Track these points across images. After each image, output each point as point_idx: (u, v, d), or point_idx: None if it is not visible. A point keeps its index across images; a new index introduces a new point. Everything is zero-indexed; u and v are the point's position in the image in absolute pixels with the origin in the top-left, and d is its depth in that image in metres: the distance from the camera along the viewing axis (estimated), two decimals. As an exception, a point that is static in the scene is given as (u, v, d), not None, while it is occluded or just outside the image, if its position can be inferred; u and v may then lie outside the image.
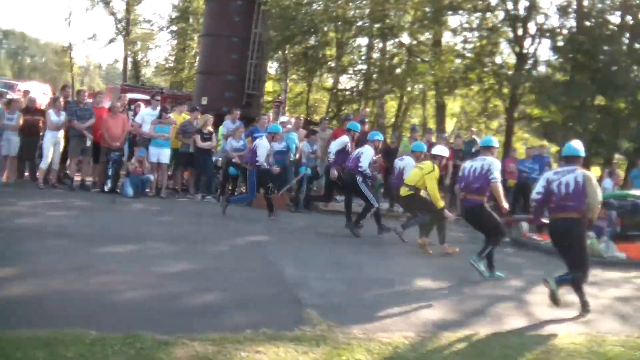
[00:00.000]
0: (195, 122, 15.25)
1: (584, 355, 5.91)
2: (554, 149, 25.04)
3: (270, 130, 14.02)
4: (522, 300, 7.96)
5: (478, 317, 6.88)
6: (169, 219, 11.93)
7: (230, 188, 15.50)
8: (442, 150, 11.40)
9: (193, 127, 15.03)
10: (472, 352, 5.60)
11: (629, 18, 24.24)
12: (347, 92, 30.94)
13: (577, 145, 8.12)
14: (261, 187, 13.00)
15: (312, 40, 27.71)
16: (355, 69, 30.58)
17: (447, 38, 27.99)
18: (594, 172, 25.39)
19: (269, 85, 32.49)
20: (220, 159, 15.76)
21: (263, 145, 12.94)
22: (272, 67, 32.23)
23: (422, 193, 10.97)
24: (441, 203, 10.75)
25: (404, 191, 11.18)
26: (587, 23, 24.20)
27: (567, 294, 8.52)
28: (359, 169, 11.77)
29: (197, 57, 31.36)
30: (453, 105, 32.73)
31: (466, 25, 25.94)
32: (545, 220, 8.14)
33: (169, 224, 11.35)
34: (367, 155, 11.83)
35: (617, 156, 25.20)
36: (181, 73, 42.12)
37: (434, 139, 16.41)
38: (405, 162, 12.25)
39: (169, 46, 46.32)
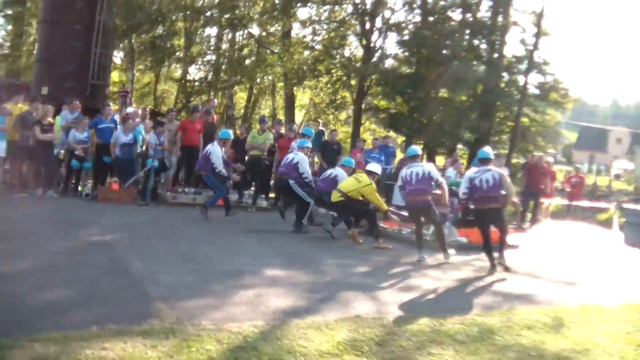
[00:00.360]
0: (35, 113, 14.52)
1: (427, 334, 6.15)
2: (400, 139, 25.89)
3: (221, 136, 13.85)
4: (369, 286, 8.13)
5: (327, 303, 6.99)
6: (5, 216, 11.29)
7: (74, 182, 14.91)
8: (375, 167, 12.33)
9: (33, 118, 14.30)
10: (320, 338, 5.68)
11: (469, 15, 25.44)
12: (196, 83, 30.59)
13: (488, 150, 10.67)
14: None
15: (159, 30, 27.12)
16: (204, 59, 30.29)
17: (296, 30, 28.29)
18: (439, 161, 26.59)
19: (114, 76, 31.40)
20: (62, 151, 15.09)
21: (216, 152, 12.98)
22: (118, 57, 31.25)
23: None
24: (385, 207, 12.02)
25: (336, 197, 11.81)
26: (431, 19, 25.22)
27: (413, 278, 8.90)
28: (304, 179, 12.68)
29: (36, 44, 29.82)
30: (302, 96, 33.11)
31: (315, 18, 26.30)
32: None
33: (5, 221, 10.75)
34: (303, 162, 12.80)
35: (459, 146, 26.38)
36: (18, 61, 39.81)
37: (283, 130, 16.51)
38: (337, 172, 12.80)
39: (2, 31, 43.60)
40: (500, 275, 9.85)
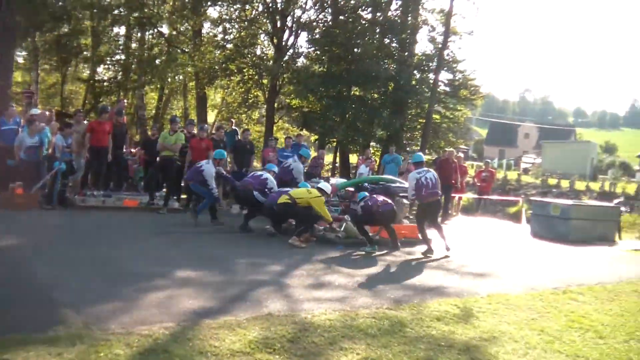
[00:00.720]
0: None
1: (339, 329, 6.22)
2: (313, 137, 26.02)
3: (216, 156, 14.04)
4: (281, 284, 8.15)
5: (238, 302, 6.96)
6: None
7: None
8: (326, 187, 12.81)
9: None
10: (231, 337, 5.65)
11: (379, 14, 25.79)
12: (105, 83, 29.87)
13: (421, 154, 13.57)
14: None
15: (64, 28, 26.42)
16: (113, 59, 29.61)
17: (207, 29, 28.04)
18: (352, 159, 26.89)
19: (17, 76, 30.32)
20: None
21: (209, 172, 13.37)
22: (21, 56, 30.18)
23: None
24: (330, 219, 12.45)
25: (283, 199, 12.08)
26: (342, 18, 25.43)
27: (325, 275, 8.95)
28: (266, 189, 12.98)
29: None
30: (214, 96, 32.84)
31: (226, 17, 26.14)
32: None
33: None
34: (271, 180, 13.24)
35: (372, 143, 26.73)
36: None
37: (195, 131, 16.32)
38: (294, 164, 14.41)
39: None
40: (411, 268, 10.10)
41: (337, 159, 28.45)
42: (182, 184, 15.94)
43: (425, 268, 10.34)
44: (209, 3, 26.02)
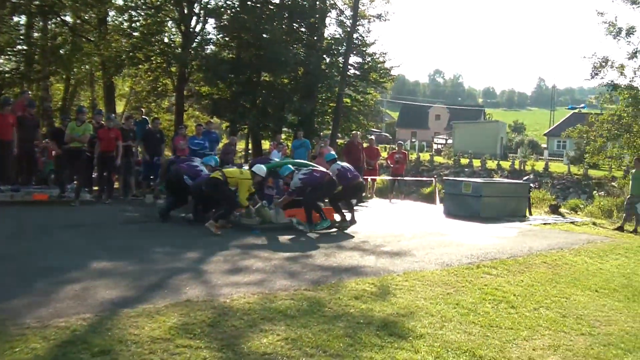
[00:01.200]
0: None
1: (258, 312, 6.28)
2: (224, 124, 25.88)
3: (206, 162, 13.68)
4: (199, 270, 8.15)
5: (157, 290, 6.92)
6: None
7: None
8: (260, 170, 12.71)
9: None
10: (151, 324, 5.63)
11: (287, -1, 25.80)
12: (7, 75, 28.73)
13: (332, 153, 14.89)
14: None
15: (-41, 18, 25.29)
16: (15, 49, 28.49)
17: (112, 17, 27.35)
18: (264, 145, 26.88)
19: None
20: None
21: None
22: None
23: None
24: (246, 204, 12.33)
25: (216, 174, 12.12)
26: (250, 3, 25.30)
27: (242, 260, 8.99)
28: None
29: None
30: (122, 85, 32.16)
31: (131, 4, 25.59)
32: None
33: None
34: (206, 173, 12.87)
35: (284, 129, 26.80)
36: None
37: (103, 121, 16.00)
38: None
39: None
40: (329, 250, 10.23)
41: (250, 146, 28.41)
42: (94, 175, 15.66)
43: (342, 249, 10.50)
44: (113, -10, 25.45)
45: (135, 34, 26.17)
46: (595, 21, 44.33)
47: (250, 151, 28.13)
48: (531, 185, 21.37)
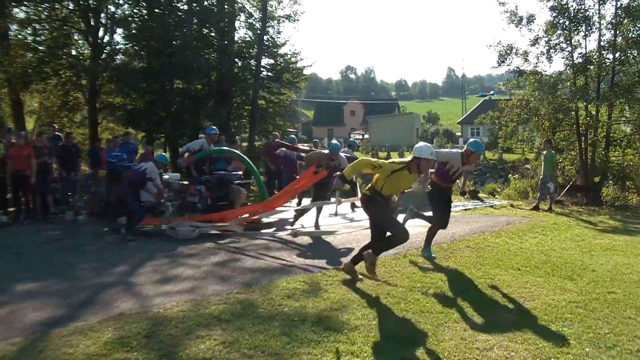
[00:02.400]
0: None
1: (193, 319, 6.28)
2: (140, 135, 25.52)
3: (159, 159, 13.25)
4: (129, 283, 8.05)
5: (87, 307, 6.82)
6: None
7: None
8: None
9: None
10: (85, 342, 5.57)
11: (195, 5, 25.63)
12: None
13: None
14: None
15: None
16: None
17: (14, 31, 26.51)
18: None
19: None
20: None
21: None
22: None
23: None
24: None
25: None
26: (158, 10, 25.04)
27: (171, 269, 8.93)
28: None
29: None
30: (31, 101, 31.20)
31: (35, 17, 24.92)
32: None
33: None
34: (151, 168, 12.41)
35: (201, 135, 26.58)
36: None
37: (14, 140, 15.53)
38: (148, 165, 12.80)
39: None
40: (257, 252, 10.26)
41: (168, 154, 28.08)
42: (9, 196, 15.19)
43: (270, 250, 10.53)
44: (13, 3, 24.67)
45: (41, 48, 25.50)
46: (498, 11, 45.42)
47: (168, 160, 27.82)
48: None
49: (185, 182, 15.00)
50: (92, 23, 24.92)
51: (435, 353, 5.44)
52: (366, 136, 71.87)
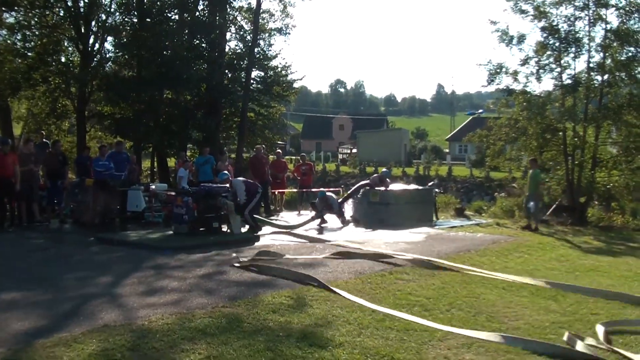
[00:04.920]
0: None
1: (177, 332, 6.27)
2: (128, 144, 25.39)
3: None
4: (114, 294, 8.03)
5: (72, 318, 6.79)
6: None
7: None
8: None
9: None
10: (69, 353, 5.54)
11: (186, 15, 25.62)
12: None
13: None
14: None
15: None
16: None
17: (4, 36, 26.40)
18: (170, 162, 26.59)
19: None
20: None
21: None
22: None
23: None
24: None
25: None
26: (149, 20, 25.01)
27: (157, 281, 8.90)
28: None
29: None
30: (19, 107, 31.06)
31: (24, 23, 24.84)
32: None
33: None
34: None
35: (189, 145, 26.60)
36: None
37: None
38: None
39: None
40: (242, 266, 10.23)
41: (155, 164, 27.99)
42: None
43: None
44: (3, 8, 24.57)
45: (30, 54, 25.40)
46: (489, 29, 45.92)
47: (155, 169, 27.70)
48: (436, 190, 21.97)
49: (172, 193, 14.97)
50: (82, 30, 24.81)
51: (419, 372, 5.46)
52: (354, 151, 71.96)
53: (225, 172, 15.35)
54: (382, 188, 17.97)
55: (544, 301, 8.23)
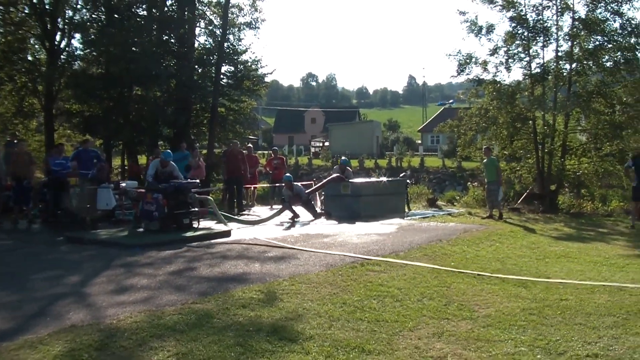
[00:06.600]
0: None
1: (146, 329, 6.19)
2: (98, 142, 25.14)
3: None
4: (82, 294, 7.92)
5: (38, 319, 6.67)
6: None
7: None
8: None
9: None
10: (34, 355, 5.45)
11: (155, 11, 25.40)
12: None
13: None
14: None
15: None
16: None
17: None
18: (141, 160, 26.37)
19: None
20: None
21: None
22: None
23: None
24: None
25: None
26: (117, 16, 24.76)
27: (126, 279, 8.81)
28: None
29: None
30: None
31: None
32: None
33: None
34: None
35: (160, 142, 26.39)
36: None
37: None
38: None
39: None
40: (213, 261, 10.21)
41: (126, 162, 27.75)
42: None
43: (226, 259, 10.47)
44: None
45: (-5, 53, 25.05)
46: (458, 20, 46.11)
47: (126, 167, 27.45)
48: (408, 181, 22.05)
49: (142, 190, 14.83)
50: (48, 27, 24.51)
51: (389, 362, 5.45)
52: (327, 144, 72.02)
53: (289, 174, 15.81)
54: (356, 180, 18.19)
55: (514, 288, 8.28)
